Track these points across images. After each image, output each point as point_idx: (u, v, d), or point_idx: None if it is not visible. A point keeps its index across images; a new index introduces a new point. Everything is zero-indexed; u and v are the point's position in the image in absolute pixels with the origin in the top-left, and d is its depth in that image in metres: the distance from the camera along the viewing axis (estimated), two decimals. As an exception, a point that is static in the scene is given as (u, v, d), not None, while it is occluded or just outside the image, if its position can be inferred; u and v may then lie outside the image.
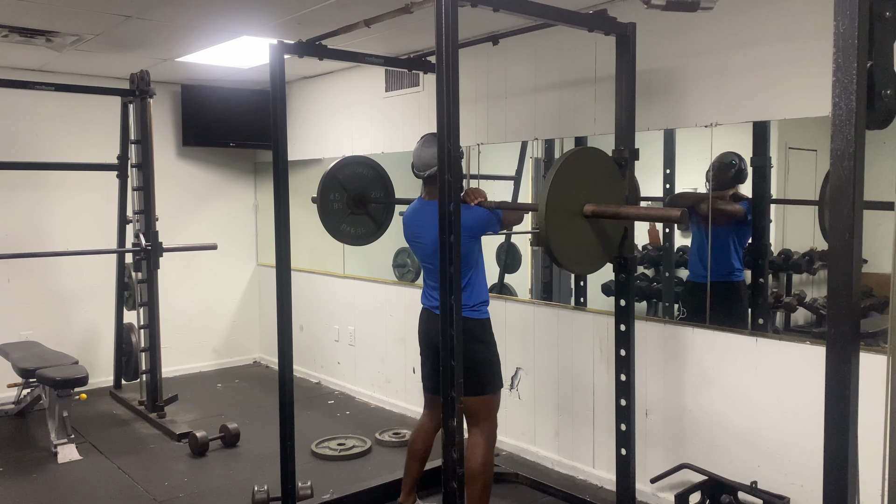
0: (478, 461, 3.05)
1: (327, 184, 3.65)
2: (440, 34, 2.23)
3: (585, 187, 2.63)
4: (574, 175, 2.59)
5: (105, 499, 3.80)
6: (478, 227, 3.07)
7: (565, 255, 2.59)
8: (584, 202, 2.63)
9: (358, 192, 3.73)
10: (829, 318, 1.47)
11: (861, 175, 1.43)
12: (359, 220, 3.78)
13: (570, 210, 2.60)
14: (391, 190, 3.87)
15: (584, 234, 2.66)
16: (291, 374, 3.29)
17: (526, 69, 4.11)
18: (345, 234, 3.75)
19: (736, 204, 3.55)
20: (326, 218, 3.67)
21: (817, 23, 2.88)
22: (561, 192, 2.53)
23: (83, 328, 5.75)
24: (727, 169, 3.56)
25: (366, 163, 3.78)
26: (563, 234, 2.57)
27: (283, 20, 3.88)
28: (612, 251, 2.84)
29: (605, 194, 2.71)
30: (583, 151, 2.75)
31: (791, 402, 3.06)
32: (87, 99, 5.40)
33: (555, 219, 2.52)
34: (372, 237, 3.86)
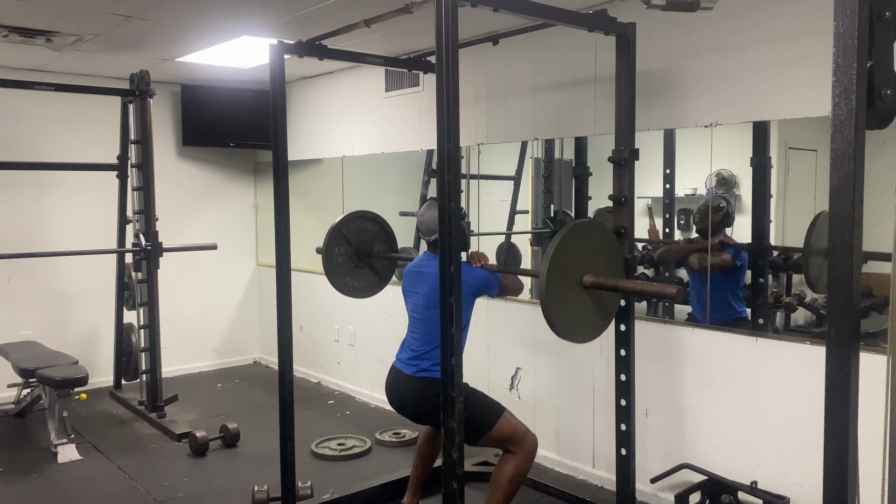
0: (505, 472, 3.02)
1: (332, 238, 3.68)
2: (440, 34, 2.23)
3: (585, 258, 2.68)
4: (574, 246, 2.64)
5: (105, 499, 3.80)
6: (477, 287, 3.07)
7: (564, 326, 2.64)
8: (584, 272, 2.67)
9: (362, 245, 3.77)
10: (829, 318, 1.47)
11: (861, 175, 1.43)
12: (362, 273, 3.82)
13: (570, 280, 2.64)
14: (395, 243, 3.92)
15: (583, 304, 2.71)
16: (291, 374, 3.29)
17: (526, 69, 4.11)
18: (348, 286, 3.79)
19: (724, 254, 3.53)
20: (331, 272, 3.71)
21: (817, 23, 2.88)
22: (561, 263, 2.58)
23: (83, 328, 5.75)
24: (714, 213, 3.56)
25: (370, 217, 3.82)
26: (562, 305, 2.61)
27: (283, 20, 3.88)
28: (609, 320, 2.89)
29: (603, 264, 2.75)
30: (584, 224, 2.83)
31: (791, 401, 3.06)
32: (87, 99, 5.40)
33: (555, 289, 2.56)
34: (374, 290, 3.90)
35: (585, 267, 2.68)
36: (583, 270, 2.67)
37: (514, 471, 3.02)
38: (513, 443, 3.03)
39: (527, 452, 3.04)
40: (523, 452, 3.03)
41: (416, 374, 3.07)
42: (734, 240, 3.59)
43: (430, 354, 3.04)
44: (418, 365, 3.08)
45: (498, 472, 3.04)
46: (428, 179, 5.31)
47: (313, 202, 5.99)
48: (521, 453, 3.03)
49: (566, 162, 4.39)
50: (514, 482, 3.03)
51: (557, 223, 4.48)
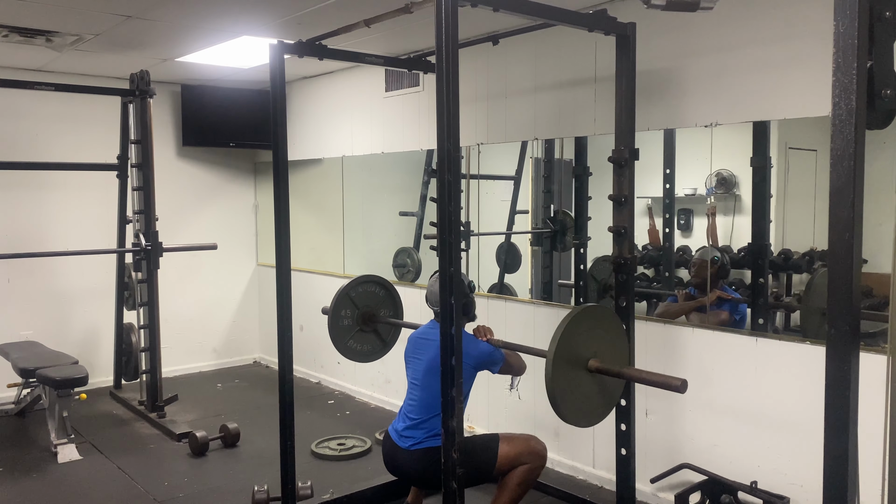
0: (515, 475, 3.03)
1: (340, 301, 3.69)
2: (440, 34, 2.23)
3: (592, 342, 2.70)
4: (581, 330, 2.65)
5: (105, 499, 3.80)
6: (480, 360, 3.07)
7: (568, 409, 2.64)
8: (590, 357, 2.69)
9: (368, 310, 3.78)
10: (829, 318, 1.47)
11: (861, 175, 1.43)
12: (366, 337, 3.82)
13: (576, 363, 2.65)
14: (401, 310, 3.91)
15: (587, 388, 2.72)
16: (291, 374, 3.29)
17: (526, 69, 4.11)
18: (351, 349, 3.80)
19: (722, 313, 3.55)
20: (335, 334, 3.71)
21: (817, 23, 2.88)
22: (568, 346, 2.60)
23: (83, 328, 5.75)
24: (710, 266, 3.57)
25: (379, 282, 3.82)
26: (566, 387, 2.63)
27: (283, 20, 3.88)
28: (612, 405, 2.89)
29: (609, 350, 2.76)
30: (591, 308, 2.85)
31: (791, 402, 3.06)
32: (87, 99, 5.40)
33: (560, 372, 2.57)
34: (377, 354, 3.89)
35: (592, 351, 2.70)
36: (589, 355, 2.69)
37: (524, 475, 3.05)
38: (522, 457, 3.06)
39: (538, 458, 3.08)
40: (534, 459, 3.07)
41: (413, 447, 3.05)
42: (731, 294, 3.61)
43: (427, 424, 3.03)
44: (414, 436, 3.05)
45: (508, 476, 3.06)
46: (428, 179, 5.31)
47: (313, 202, 5.99)
48: (532, 461, 3.07)
49: (566, 162, 4.40)
50: (524, 486, 3.06)
51: (557, 223, 4.49)
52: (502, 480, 3.07)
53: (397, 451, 3.10)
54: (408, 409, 3.13)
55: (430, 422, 3.00)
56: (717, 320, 3.48)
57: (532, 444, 3.08)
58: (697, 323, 3.45)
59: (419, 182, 5.38)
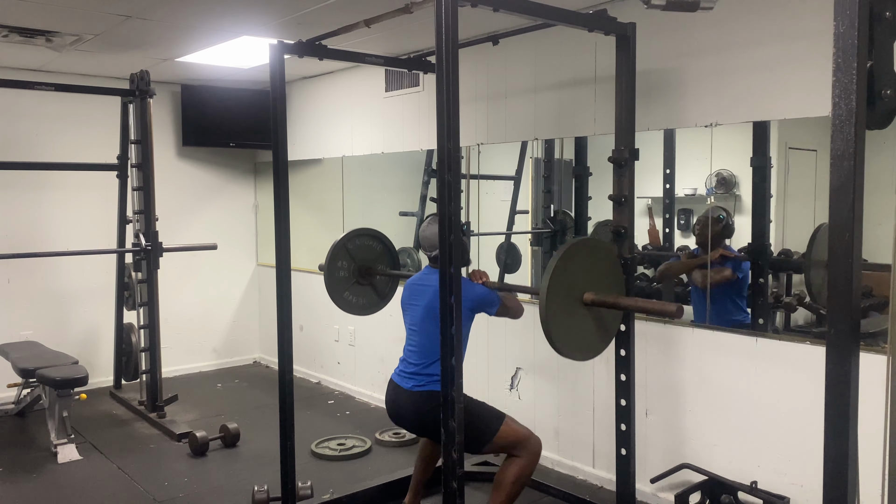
0: (509, 473, 3.02)
1: (336, 252, 3.69)
2: (440, 34, 2.23)
3: (585, 276, 2.69)
4: (575, 263, 2.64)
5: (105, 499, 3.80)
6: (476, 302, 3.07)
7: (564, 342, 2.65)
8: (584, 290, 2.68)
9: (365, 263, 3.78)
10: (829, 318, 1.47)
11: (861, 175, 1.43)
12: (363, 290, 3.81)
13: (570, 297, 2.65)
14: (398, 265, 3.91)
15: (583, 322, 2.71)
16: (291, 374, 3.29)
17: (526, 69, 4.11)
18: (347, 302, 3.79)
19: (725, 270, 3.53)
20: (332, 285, 3.71)
21: (817, 23, 2.88)
22: (561, 281, 2.59)
23: (83, 328, 5.75)
24: (714, 224, 3.55)
25: (376, 236, 3.82)
26: (562, 321, 2.62)
27: (283, 20, 3.88)
28: (610, 339, 2.89)
29: (604, 283, 2.75)
30: (584, 241, 2.83)
31: (791, 401, 3.06)
32: (87, 99, 5.39)
33: (555, 305, 2.57)
34: (374, 308, 3.90)
35: (586, 285, 2.68)
36: (583, 288, 2.67)
37: (518, 473, 3.03)
38: (516, 447, 3.04)
39: (531, 455, 3.05)
40: (527, 455, 3.04)
41: (415, 388, 3.06)
42: (734, 251, 3.59)
43: (429, 368, 3.04)
44: (416, 380, 3.07)
45: (501, 474, 3.05)
46: (428, 179, 5.31)
47: (313, 202, 5.99)
48: (526, 456, 3.04)
49: (566, 162, 4.40)
50: (518, 484, 3.04)
51: (557, 223, 4.48)
52: (497, 478, 3.06)
53: (399, 392, 3.12)
54: (408, 355, 3.16)
55: (432, 366, 3.01)
56: (720, 276, 3.46)
57: (531, 440, 3.07)
58: (700, 280, 3.43)
59: (419, 182, 5.38)
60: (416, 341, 3.14)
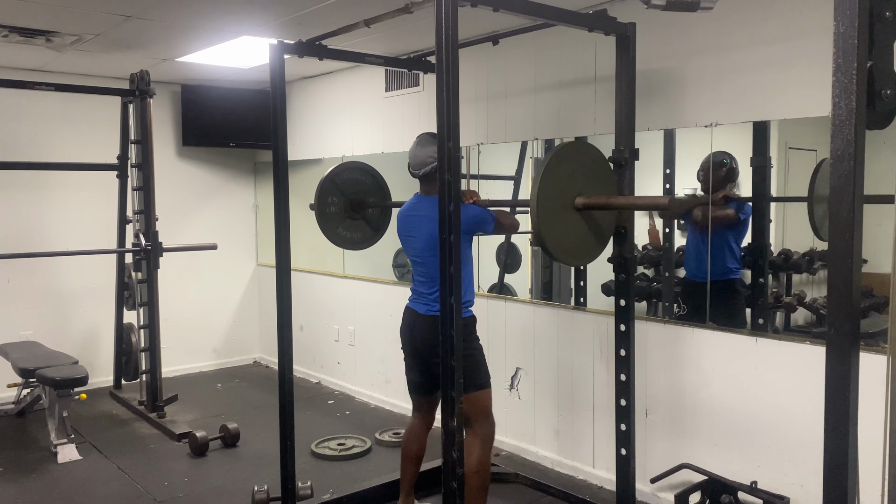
0: (472, 462, 2.99)
1: (325, 188, 3.69)
2: (440, 34, 2.23)
3: (576, 181, 2.67)
4: (564, 169, 2.62)
5: (105, 499, 3.80)
6: (471, 224, 3.06)
7: (559, 248, 2.63)
8: (576, 195, 2.66)
9: (355, 197, 3.76)
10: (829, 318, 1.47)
11: (861, 175, 1.43)
12: (356, 224, 3.81)
13: (562, 203, 2.63)
14: (389, 197, 3.91)
15: (577, 227, 2.70)
16: (291, 374, 3.29)
17: (526, 69, 4.11)
18: (342, 237, 3.79)
19: (728, 208, 3.52)
20: (323, 221, 3.72)
21: (817, 23, 2.88)
22: (551, 186, 2.57)
23: (83, 328, 5.75)
24: (718, 169, 3.55)
25: (364, 169, 3.81)
26: (555, 227, 2.60)
27: (283, 20, 3.88)
28: (605, 242, 2.87)
29: (595, 188, 2.73)
30: (572, 145, 2.80)
31: (791, 402, 3.06)
32: (87, 99, 5.40)
33: (547, 212, 2.55)
34: (369, 242, 3.90)
35: (577, 189, 2.66)
36: (574, 192, 2.65)
37: (480, 458, 3.04)
38: (479, 417, 3.07)
39: (488, 437, 3.11)
40: (483, 437, 3.08)
41: (428, 312, 3.12)
42: (738, 194, 3.58)
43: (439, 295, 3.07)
44: (429, 304, 3.13)
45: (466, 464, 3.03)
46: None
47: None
48: (482, 438, 3.07)
49: (566, 162, 4.39)
50: (483, 473, 3.06)
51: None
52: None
53: (416, 317, 3.17)
54: (417, 284, 3.22)
55: None
56: (723, 213, 3.47)
57: (490, 420, 3.12)
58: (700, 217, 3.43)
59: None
60: (422, 272, 3.18)
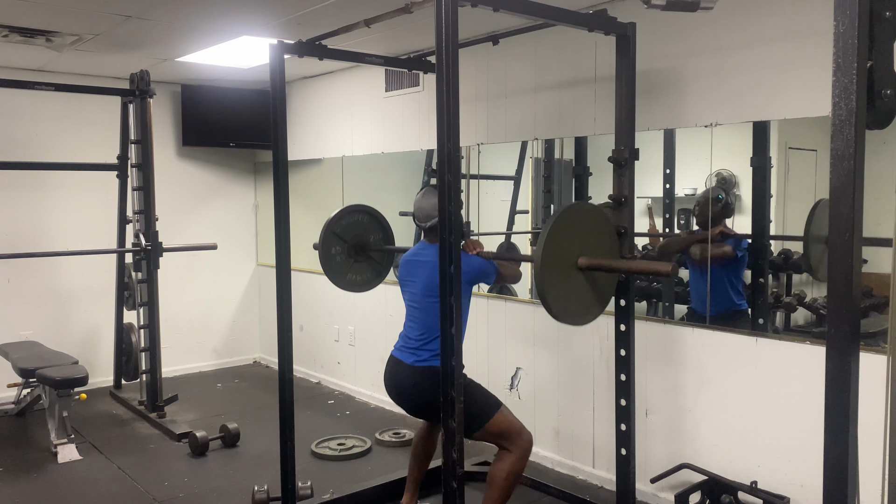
0: (501, 469, 3.01)
1: (326, 240, 3.69)
2: (440, 34, 2.23)
3: (579, 240, 2.69)
4: (568, 229, 2.65)
5: (105, 499, 3.80)
6: (473, 275, 3.06)
7: (560, 308, 2.64)
8: (578, 255, 2.68)
9: (357, 240, 3.79)
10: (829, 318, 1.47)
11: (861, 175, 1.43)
12: (361, 267, 3.83)
13: (565, 262, 2.65)
14: (389, 232, 3.92)
15: (579, 286, 2.71)
16: (291, 374, 3.29)
17: (526, 69, 4.11)
18: (351, 282, 3.81)
19: (725, 245, 3.53)
20: (332, 272, 3.73)
21: (817, 23, 2.88)
22: (555, 246, 2.59)
23: (83, 328, 5.75)
24: (713, 204, 3.55)
25: (361, 209, 3.83)
26: (558, 287, 2.62)
27: (283, 20, 3.88)
28: (606, 302, 2.88)
29: (598, 247, 2.75)
30: (577, 206, 2.84)
31: (791, 401, 3.06)
32: (87, 99, 5.40)
33: (550, 272, 2.57)
34: (375, 281, 3.90)
35: (580, 249, 2.68)
36: (577, 253, 2.67)
37: (511, 468, 3.02)
38: (508, 439, 3.02)
39: (522, 450, 3.04)
40: (518, 450, 3.03)
41: (416, 363, 3.06)
42: (734, 231, 3.59)
43: (429, 345, 3.04)
44: (417, 355, 3.07)
45: (494, 470, 3.04)
46: (428, 179, 5.31)
47: (313, 202, 5.98)
48: (516, 451, 3.02)
49: (566, 162, 4.39)
50: (511, 480, 3.02)
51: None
52: (490, 475, 3.04)
53: (400, 368, 3.11)
54: (409, 331, 3.15)
55: (432, 343, 3.01)
56: (720, 251, 3.47)
57: (522, 435, 3.05)
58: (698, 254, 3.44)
59: (419, 182, 5.38)
60: (416, 317, 3.13)
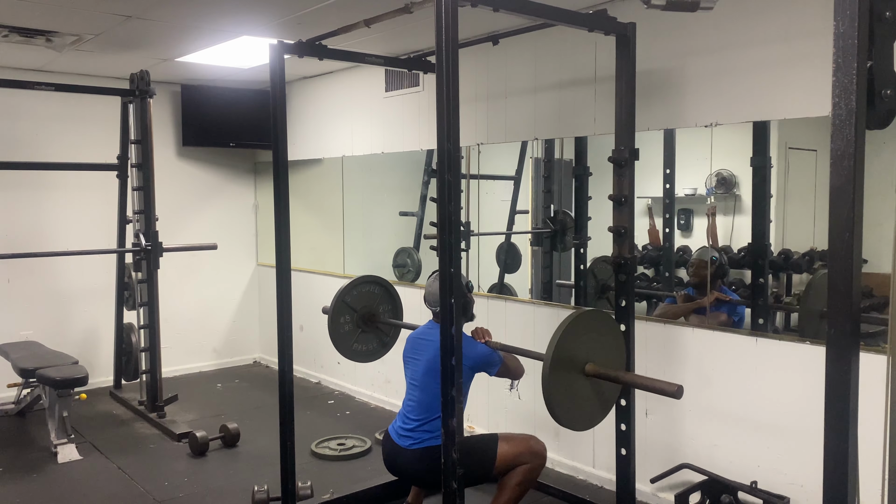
0: (514, 476, 3.03)
1: (337, 309, 3.71)
2: (440, 34, 2.23)
3: (589, 346, 2.70)
4: (578, 334, 2.66)
5: (105, 499, 3.80)
6: (477, 362, 3.07)
7: (564, 412, 2.65)
8: (587, 361, 2.69)
9: (366, 310, 3.81)
10: (829, 318, 1.47)
11: (861, 175, 1.43)
12: (367, 337, 3.85)
13: (572, 367, 2.66)
14: (399, 304, 3.92)
15: (583, 391, 2.72)
16: (291, 374, 3.29)
17: (526, 69, 4.11)
18: (356, 352, 3.82)
19: (721, 315, 3.56)
20: (338, 341, 3.75)
21: (817, 23, 2.88)
22: (565, 350, 2.60)
23: (83, 328, 5.75)
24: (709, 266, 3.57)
25: (374, 281, 3.84)
26: (563, 390, 2.63)
27: (283, 20, 3.88)
28: (608, 410, 2.89)
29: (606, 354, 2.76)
30: (589, 313, 2.86)
31: (791, 402, 3.06)
32: (87, 99, 5.39)
33: (557, 375, 2.58)
34: (380, 352, 3.91)
35: (589, 355, 2.70)
36: (586, 358, 2.69)
37: (524, 475, 3.05)
38: (522, 457, 3.06)
39: (537, 458, 3.08)
40: (534, 460, 3.07)
41: (413, 446, 3.05)
42: (729, 295, 3.61)
43: (428, 425, 3.04)
44: (414, 437, 3.06)
45: (507, 476, 3.06)
46: (428, 179, 5.31)
47: (313, 202, 5.99)
48: (531, 462, 3.06)
49: (566, 162, 4.40)
50: (523, 486, 3.06)
51: (557, 223, 4.49)
52: (502, 480, 3.07)
53: (398, 451, 3.10)
54: (407, 410, 3.13)
55: (431, 423, 3.01)
56: (717, 322, 3.49)
57: (531, 444, 3.09)
58: (697, 324, 3.46)
59: (419, 182, 5.38)
60: (416, 396, 3.12)
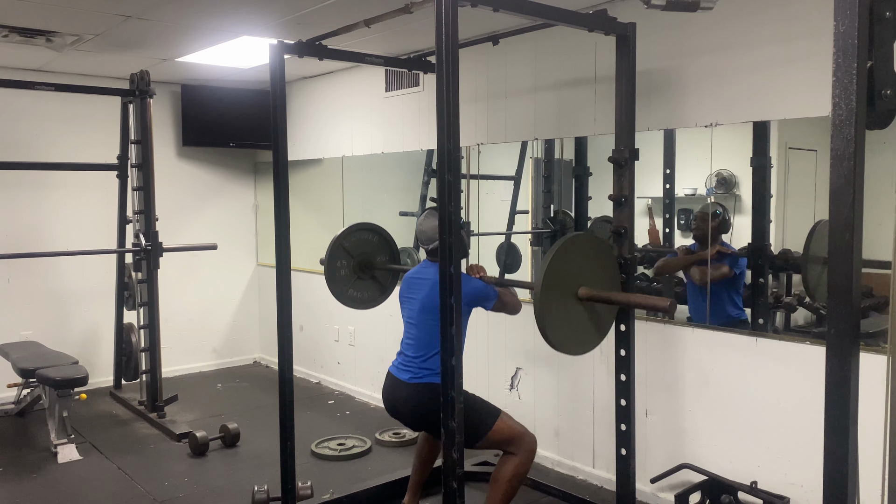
0: (505, 471, 3.03)
1: (334, 252, 3.71)
2: (440, 34, 2.23)
3: (581, 271, 2.69)
4: (570, 258, 2.65)
5: (105, 499, 3.80)
6: (473, 297, 3.07)
7: (558, 337, 2.66)
8: (579, 285, 2.69)
9: (363, 258, 3.81)
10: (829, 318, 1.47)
11: (861, 175, 1.43)
12: (364, 284, 3.84)
13: (565, 292, 2.65)
14: (397, 254, 3.93)
15: (578, 316, 2.72)
16: (291, 374, 3.29)
17: (526, 69, 4.11)
18: (351, 298, 3.82)
19: (723, 266, 3.54)
20: (333, 285, 3.74)
21: (817, 23, 2.88)
22: (556, 276, 2.60)
23: (83, 328, 5.75)
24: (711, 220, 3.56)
25: (372, 228, 3.84)
26: (556, 317, 2.63)
27: (283, 20, 3.88)
28: (605, 333, 2.89)
29: (599, 278, 2.76)
30: (579, 236, 2.84)
31: (791, 402, 3.06)
32: (87, 99, 5.40)
33: (549, 300, 2.58)
34: (377, 301, 3.92)
35: (581, 279, 2.68)
36: (578, 283, 2.67)
37: (515, 470, 3.02)
38: (512, 444, 3.04)
39: (526, 452, 3.05)
40: (523, 453, 3.04)
41: (412, 380, 3.06)
42: (731, 248, 3.60)
43: (427, 361, 3.04)
44: (414, 371, 3.07)
45: (498, 472, 3.05)
46: (428, 179, 5.31)
47: (313, 202, 5.99)
48: (521, 454, 3.04)
49: (566, 162, 4.39)
50: (514, 482, 3.04)
51: (557, 223, 4.48)
52: (493, 476, 3.06)
53: (397, 384, 3.12)
54: (406, 348, 3.16)
55: (430, 360, 3.02)
56: (719, 273, 3.47)
57: (527, 438, 3.07)
58: (698, 277, 3.44)
59: (419, 182, 5.38)
60: (413, 334, 3.14)
